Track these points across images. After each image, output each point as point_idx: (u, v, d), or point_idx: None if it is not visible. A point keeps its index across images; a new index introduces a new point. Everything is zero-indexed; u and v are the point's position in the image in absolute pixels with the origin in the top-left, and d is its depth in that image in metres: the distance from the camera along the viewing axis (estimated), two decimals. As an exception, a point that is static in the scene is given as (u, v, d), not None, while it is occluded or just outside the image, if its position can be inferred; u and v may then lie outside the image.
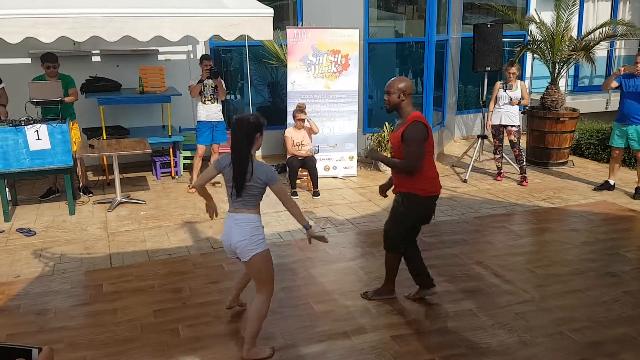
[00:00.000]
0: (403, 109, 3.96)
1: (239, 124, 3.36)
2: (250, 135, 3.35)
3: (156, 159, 7.89)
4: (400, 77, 4.02)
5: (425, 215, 4.11)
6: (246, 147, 3.34)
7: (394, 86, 3.90)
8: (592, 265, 4.94)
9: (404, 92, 3.90)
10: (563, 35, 8.02)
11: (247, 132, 3.34)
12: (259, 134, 3.39)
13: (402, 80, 3.93)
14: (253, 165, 3.36)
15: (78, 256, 5.25)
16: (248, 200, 3.40)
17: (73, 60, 7.79)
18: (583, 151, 8.76)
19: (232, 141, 3.38)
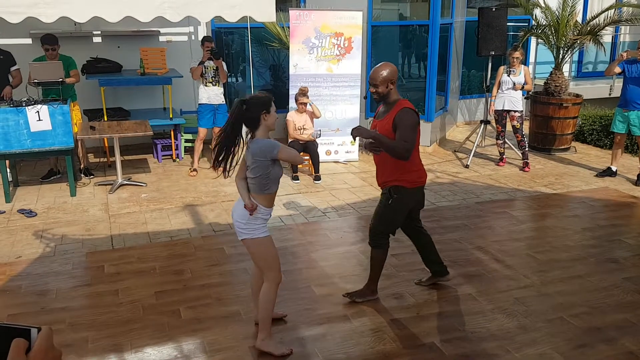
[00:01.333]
0: (391, 96, 3.78)
1: (242, 105, 3.27)
2: (255, 117, 3.29)
3: (157, 142, 7.87)
4: (382, 64, 3.75)
5: (414, 207, 4.02)
6: (235, 128, 3.29)
7: (379, 77, 3.69)
8: (593, 251, 4.94)
9: (390, 80, 3.72)
10: (568, 19, 7.94)
11: (250, 113, 3.27)
12: (264, 112, 3.29)
13: (385, 68, 3.71)
14: (251, 145, 3.29)
15: (79, 237, 5.26)
16: (255, 184, 3.34)
17: (74, 41, 7.73)
18: (586, 137, 8.73)
19: (228, 120, 3.32)
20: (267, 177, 3.31)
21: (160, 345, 3.53)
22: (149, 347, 3.52)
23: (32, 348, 0.94)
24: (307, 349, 3.52)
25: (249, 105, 3.28)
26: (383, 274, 4.49)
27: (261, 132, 3.31)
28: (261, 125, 3.31)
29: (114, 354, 3.46)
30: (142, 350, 3.49)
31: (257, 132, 3.31)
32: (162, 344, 3.55)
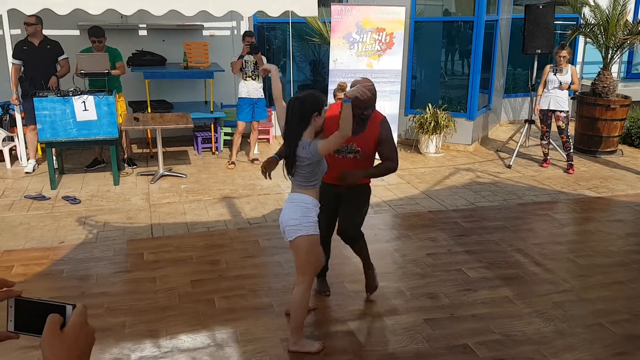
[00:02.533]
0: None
1: (295, 103, 3.24)
2: (306, 117, 3.22)
3: (198, 134, 8.00)
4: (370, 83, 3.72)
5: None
6: (297, 127, 3.22)
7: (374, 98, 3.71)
8: (636, 257, 4.76)
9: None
10: (618, 19, 7.67)
11: (302, 113, 3.21)
12: (316, 113, 3.23)
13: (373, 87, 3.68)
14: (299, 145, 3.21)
15: (121, 225, 5.39)
16: (300, 181, 3.32)
17: (120, 33, 7.92)
18: (633, 140, 8.42)
19: (286, 120, 3.28)
20: (315, 173, 3.30)
21: (195, 333, 3.60)
22: (184, 334, 3.59)
23: (66, 324, 0.96)
24: (337, 345, 3.52)
25: (304, 103, 3.22)
26: (417, 273, 4.47)
27: (308, 132, 3.24)
28: (310, 125, 3.24)
29: (149, 339, 3.53)
30: (176, 337, 3.56)
31: (305, 132, 3.23)
32: (196, 332, 3.61)
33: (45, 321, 0.95)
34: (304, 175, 3.29)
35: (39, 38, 6.79)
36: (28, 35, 6.76)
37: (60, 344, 0.94)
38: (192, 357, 3.36)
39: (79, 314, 0.98)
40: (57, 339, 0.94)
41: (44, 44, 6.84)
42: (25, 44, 6.76)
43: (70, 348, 0.94)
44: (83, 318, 0.98)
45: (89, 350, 0.98)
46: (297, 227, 3.27)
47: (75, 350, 0.95)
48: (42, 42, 6.83)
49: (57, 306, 0.98)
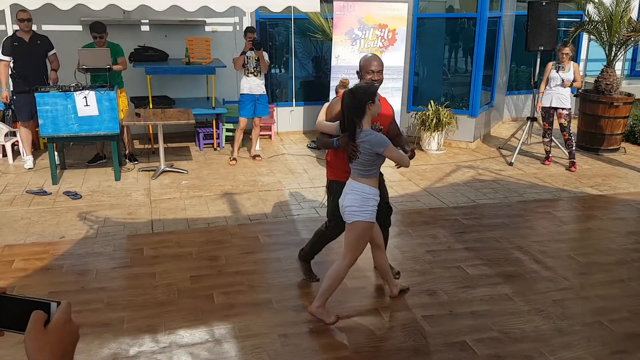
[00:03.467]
0: None
1: (350, 95, 3.43)
2: (360, 107, 3.41)
3: (199, 130, 8.00)
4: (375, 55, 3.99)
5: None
6: (353, 118, 3.42)
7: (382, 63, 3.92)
8: (637, 256, 4.74)
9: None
10: (622, 15, 7.62)
11: (356, 103, 3.41)
12: (370, 102, 3.42)
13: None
14: (361, 135, 3.43)
15: (121, 220, 5.40)
16: (360, 169, 3.51)
17: (122, 29, 7.93)
18: (637, 138, 8.38)
19: (342, 113, 3.49)
20: (375, 164, 3.51)
21: (193, 329, 3.60)
22: (182, 329, 3.59)
23: (50, 321, 0.96)
24: (336, 340, 3.52)
25: (355, 94, 3.42)
26: (417, 270, 4.47)
27: (366, 121, 3.45)
28: (366, 114, 3.44)
29: (148, 334, 3.54)
30: (175, 332, 3.57)
31: (362, 122, 3.43)
32: (194, 327, 3.61)
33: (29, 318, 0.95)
34: (363, 163, 3.49)
35: (30, 33, 6.77)
36: (16, 31, 6.70)
37: (43, 341, 0.94)
38: (190, 353, 3.37)
39: (63, 311, 0.98)
40: (41, 336, 0.94)
41: (35, 39, 6.82)
42: (15, 39, 6.69)
43: (54, 345, 0.94)
44: (67, 315, 0.98)
45: (73, 347, 0.98)
46: (356, 213, 3.53)
47: (58, 347, 0.95)
48: (32, 37, 6.81)
49: (42, 303, 0.98)
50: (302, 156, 7.76)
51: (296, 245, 4.87)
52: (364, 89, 3.47)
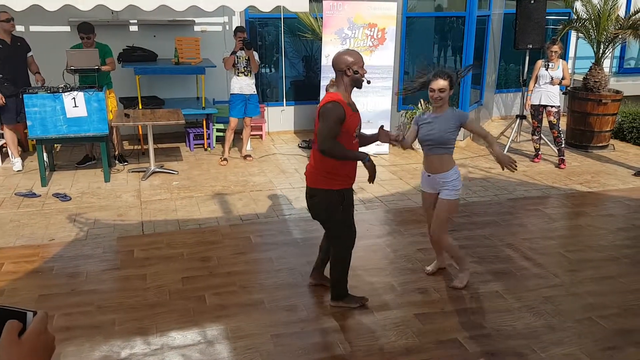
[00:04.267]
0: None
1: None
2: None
3: (190, 131, 7.97)
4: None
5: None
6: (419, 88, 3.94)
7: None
8: (627, 252, 4.79)
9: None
10: (610, 13, 7.68)
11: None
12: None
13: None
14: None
15: (111, 222, 5.37)
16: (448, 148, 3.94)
17: (111, 29, 7.88)
18: (625, 135, 8.45)
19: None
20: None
21: (185, 330, 3.59)
22: (174, 331, 3.58)
23: (26, 331, 0.94)
24: (329, 340, 3.52)
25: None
26: (408, 268, 4.47)
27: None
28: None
29: (139, 336, 3.52)
30: (167, 334, 3.55)
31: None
32: (186, 329, 3.60)
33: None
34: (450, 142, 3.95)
35: (10, 35, 6.71)
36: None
37: (17, 351, 0.91)
38: (182, 354, 3.35)
39: (38, 321, 0.95)
40: (15, 346, 0.91)
41: (15, 41, 6.77)
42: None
43: (27, 356, 0.92)
44: (43, 326, 0.96)
45: (48, 358, 0.96)
46: (448, 190, 3.95)
47: (32, 358, 0.93)
48: (13, 39, 6.76)
49: (17, 312, 0.96)
50: (293, 156, 7.75)
51: (288, 245, 4.87)
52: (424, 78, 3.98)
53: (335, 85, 3.65)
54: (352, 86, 3.59)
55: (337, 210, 3.65)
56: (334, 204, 3.63)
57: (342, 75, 3.57)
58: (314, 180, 3.66)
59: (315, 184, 3.65)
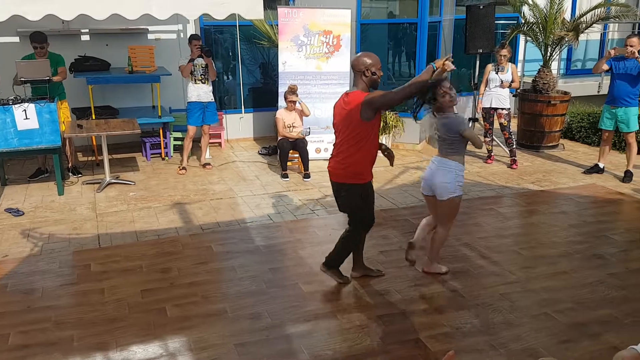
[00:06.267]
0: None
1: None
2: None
3: (146, 140, 7.85)
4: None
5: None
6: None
7: None
8: (579, 248, 4.97)
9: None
10: (556, 17, 7.97)
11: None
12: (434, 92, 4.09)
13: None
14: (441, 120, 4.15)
15: (66, 236, 5.24)
16: (448, 149, 4.13)
17: (62, 39, 7.70)
18: (574, 134, 8.78)
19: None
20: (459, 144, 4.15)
21: (146, 344, 3.53)
22: (135, 345, 3.52)
23: None
24: (294, 346, 3.52)
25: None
26: (370, 271, 4.52)
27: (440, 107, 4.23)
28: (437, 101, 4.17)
29: (99, 352, 3.45)
30: (127, 348, 3.49)
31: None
32: (147, 342, 3.54)
33: None
34: (449, 144, 4.11)
35: None
36: None
37: None
38: (144, 368, 3.30)
39: None
40: None
41: None
42: None
43: None
44: None
45: None
46: (450, 189, 4.10)
47: None
48: None
49: None
50: (253, 163, 7.73)
51: (250, 252, 4.86)
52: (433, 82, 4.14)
53: (355, 84, 3.91)
54: (370, 86, 3.88)
55: (363, 202, 4.04)
56: (360, 196, 4.01)
57: (361, 75, 3.87)
58: (342, 176, 3.98)
59: (344, 180, 3.98)
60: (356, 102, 3.77)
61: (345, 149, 3.88)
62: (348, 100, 3.85)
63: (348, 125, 3.83)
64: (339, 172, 3.97)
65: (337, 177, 4.02)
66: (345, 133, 3.87)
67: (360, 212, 4.08)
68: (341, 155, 3.91)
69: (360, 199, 4.00)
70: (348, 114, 3.81)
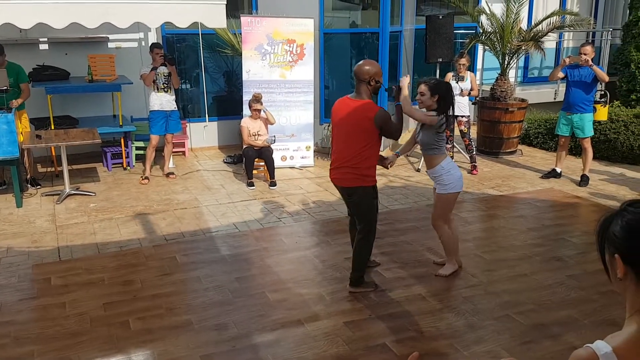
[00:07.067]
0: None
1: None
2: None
3: (107, 150, 7.72)
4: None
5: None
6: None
7: None
8: (538, 250, 5.11)
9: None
10: (513, 26, 8.20)
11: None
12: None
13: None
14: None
15: (25, 250, 5.10)
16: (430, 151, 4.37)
17: (20, 48, 7.52)
18: (532, 140, 9.03)
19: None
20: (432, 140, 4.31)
21: (109, 357, 3.47)
22: (97, 359, 3.45)
23: None
24: (260, 356, 3.51)
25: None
26: (336, 278, 4.55)
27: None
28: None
29: (60, 368, 3.37)
30: (90, 363, 3.42)
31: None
32: (110, 356, 3.48)
33: None
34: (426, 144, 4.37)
35: None
36: None
37: None
38: (107, 382, 3.24)
39: None
40: None
41: None
42: None
43: None
44: None
45: None
46: (441, 185, 4.32)
47: None
48: None
49: None
50: (218, 171, 7.68)
51: (215, 262, 4.82)
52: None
53: (358, 91, 4.09)
54: (372, 92, 4.12)
55: (373, 202, 4.25)
56: (371, 197, 4.22)
57: (365, 84, 4.06)
58: (354, 180, 4.11)
59: (356, 183, 4.12)
60: (368, 113, 3.98)
61: (358, 153, 4.04)
62: (356, 107, 4.05)
63: (359, 130, 4.02)
64: (349, 177, 4.12)
65: (348, 182, 4.16)
66: (353, 138, 4.05)
67: (372, 212, 4.27)
68: (353, 161, 4.07)
69: (372, 199, 4.24)
70: (358, 121, 4.01)
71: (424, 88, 4.28)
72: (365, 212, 4.22)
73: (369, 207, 4.23)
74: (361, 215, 4.24)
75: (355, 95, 4.11)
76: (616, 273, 1.37)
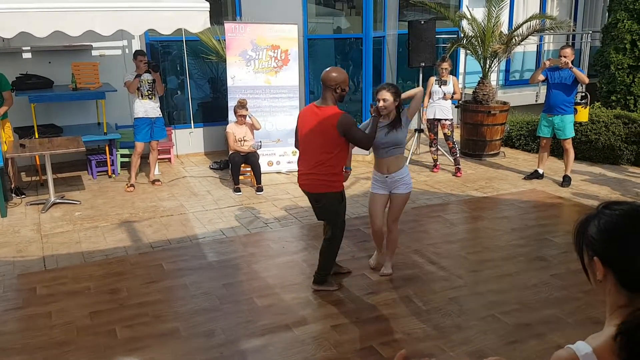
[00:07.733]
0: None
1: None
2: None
3: (92, 158, 7.68)
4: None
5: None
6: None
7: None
8: (522, 251, 5.18)
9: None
10: (493, 30, 8.31)
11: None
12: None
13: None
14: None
15: (10, 259, 5.06)
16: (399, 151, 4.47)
17: (2, 57, 7.48)
18: (514, 142, 9.14)
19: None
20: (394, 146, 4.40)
21: (97, 366, 3.46)
22: (85, 368, 3.44)
23: None
24: (248, 360, 3.53)
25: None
26: (323, 282, 4.57)
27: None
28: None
29: (47, 377, 3.35)
30: (77, 372, 3.40)
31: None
32: (98, 365, 3.47)
33: None
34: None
35: None
36: None
37: None
38: (95, 391, 3.23)
39: None
40: None
41: None
42: None
43: None
44: None
45: None
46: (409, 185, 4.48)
47: None
48: None
49: None
50: (204, 178, 7.68)
51: (202, 269, 4.82)
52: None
53: (324, 98, 4.14)
54: (337, 100, 4.18)
55: (340, 207, 4.30)
56: (339, 202, 4.27)
57: (332, 91, 4.13)
58: (318, 186, 4.18)
59: (324, 189, 4.18)
60: (331, 120, 4.03)
61: (325, 159, 4.09)
62: (321, 114, 4.09)
63: (324, 137, 4.07)
64: (317, 182, 4.18)
65: (316, 188, 4.22)
66: (319, 144, 4.10)
67: (339, 217, 4.32)
68: (320, 167, 4.11)
69: (339, 204, 4.28)
70: (323, 127, 4.06)
71: (387, 95, 4.37)
72: (332, 217, 4.30)
73: (336, 213, 4.29)
74: (328, 220, 4.33)
75: (321, 102, 4.18)
76: (596, 275, 1.38)
